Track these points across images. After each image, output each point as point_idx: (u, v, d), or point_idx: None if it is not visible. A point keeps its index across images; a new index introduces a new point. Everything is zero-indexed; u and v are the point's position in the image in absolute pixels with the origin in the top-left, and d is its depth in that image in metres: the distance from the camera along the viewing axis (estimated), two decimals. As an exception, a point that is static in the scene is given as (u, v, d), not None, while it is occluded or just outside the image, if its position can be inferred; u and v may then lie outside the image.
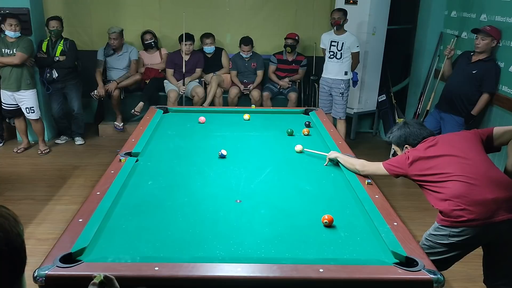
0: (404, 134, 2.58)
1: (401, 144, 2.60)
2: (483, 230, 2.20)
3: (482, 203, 2.17)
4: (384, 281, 1.69)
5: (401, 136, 2.59)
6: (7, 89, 5.02)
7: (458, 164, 2.29)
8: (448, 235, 2.25)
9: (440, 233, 2.28)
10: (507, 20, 4.09)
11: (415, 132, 2.55)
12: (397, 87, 6.11)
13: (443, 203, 2.25)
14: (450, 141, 2.45)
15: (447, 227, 2.25)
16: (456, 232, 2.23)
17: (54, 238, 2.34)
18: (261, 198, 2.36)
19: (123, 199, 2.28)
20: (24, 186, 4.42)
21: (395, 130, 2.66)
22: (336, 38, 5.07)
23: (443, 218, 2.26)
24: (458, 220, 2.20)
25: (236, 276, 1.67)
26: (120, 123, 5.81)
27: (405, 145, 2.57)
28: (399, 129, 2.62)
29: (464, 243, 2.25)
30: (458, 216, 2.20)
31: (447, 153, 2.35)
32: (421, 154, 2.40)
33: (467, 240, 2.23)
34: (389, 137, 2.69)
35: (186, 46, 5.64)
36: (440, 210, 2.28)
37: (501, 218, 2.17)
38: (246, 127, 3.61)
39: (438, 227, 2.30)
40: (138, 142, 3.03)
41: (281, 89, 5.93)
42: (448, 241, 2.26)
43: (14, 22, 4.84)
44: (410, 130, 2.57)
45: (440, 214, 2.29)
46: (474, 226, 2.19)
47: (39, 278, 1.62)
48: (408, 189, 4.26)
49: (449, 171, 2.27)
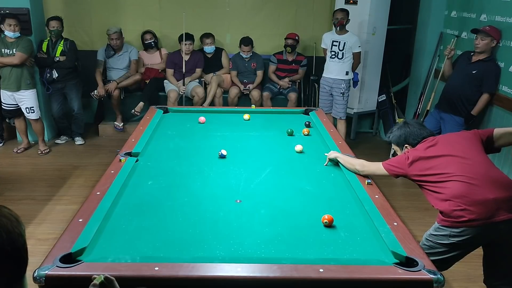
0: (404, 134, 2.58)
1: (401, 143, 2.60)
2: (484, 230, 2.20)
3: (483, 203, 2.17)
4: (384, 281, 1.69)
5: (401, 135, 2.59)
6: (7, 89, 5.02)
7: (458, 164, 2.28)
8: (449, 235, 2.25)
9: (441, 233, 2.28)
10: (507, 20, 4.09)
11: (415, 132, 2.55)
12: (397, 87, 6.11)
13: (444, 204, 2.24)
14: (450, 141, 2.45)
15: (448, 227, 2.25)
16: (456, 232, 2.23)
17: (54, 238, 2.34)
18: (261, 198, 2.36)
19: (123, 199, 2.28)
20: (24, 186, 4.42)
21: (395, 129, 2.66)
22: (338, 38, 5.07)
23: (444, 218, 2.26)
24: (458, 221, 2.20)
25: (236, 276, 1.67)
26: (120, 123, 5.81)
27: (405, 144, 2.57)
28: (399, 129, 2.62)
29: (465, 243, 2.25)
30: (458, 217, 2.20)
31: (447, 153, 2.35)
32: (421, 154, 2.40)
33: (468, 240, 2.23)
34: (389, 137, 2.69)
35: (186, 46, 5.64)
36: (440, 210, 2.28)
37: (502, 218, 2.17)
38: (246, 127, 3.61)
39: (438, 227, 2.30)
40: (138, 142, 3.03)
41: (281, 89, 5.93)
42: (449, 241, 2.26)
43: (13, 22, 4.83)
44: (410, 129, 2.57)
45: (441, 215, 2.29)
46: (474, 226, 2.19)
47: (39, 278, 1.62)
48: (408, 189, 4.26)
49: (449, 171, 2.27)
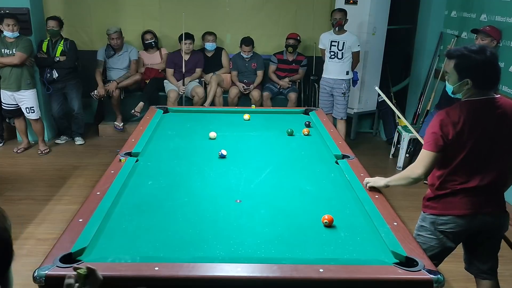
0: (477, 63, 2.07)
1: (464, 71, 2.12)
2: (469, 220, 2.23)
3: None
4: (384, 281, 1.69)
5: (474, 63, 2.08)
6: (7, 89, 5.02)
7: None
8: (435, 223, 2.27)
9: (427, 223, 2.31)
10: (507, 20, 4.09)
11: (490, 74, 2.12)
12: (397, 87, 6.11)
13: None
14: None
15: (434, 215, 2.27)
16: (443, 221, 2.25)
17: (54, 238, 2.34)
18: (261, 198, 2.36)
19: (123, 199, 2.28)
20: (24, 186, 4.42)
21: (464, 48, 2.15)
22: (337, 38, 5.07)
23: (429, 203, 2.29)
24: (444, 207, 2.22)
25: (236, 276, 1.67)
26: (120, 123, 5.81)
27: (467, 78, 2.12)
28: (475, 53, 2.09)
29: (451, 232, 2.26)
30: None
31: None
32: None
33: (454, 229, 2.25)
34: (453, 52, 2.20)
35: (185, 46, 5.65)
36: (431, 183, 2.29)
37: (488, 210, 2.21)
38: (246, 127, 3.61)
39: (425, 216, 2.33)
40: (138, 142, 3.03)
41: (281, 89, 5.93)
42: (436, 230, 2.28)
43: (11, 22, 4.83)
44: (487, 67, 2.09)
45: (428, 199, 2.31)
46: (458, 215, 2.22)
47: (39, 278, 1.62)
48: (408, 189, 4.25)
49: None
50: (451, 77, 2.19)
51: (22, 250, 3.26)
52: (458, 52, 2.16)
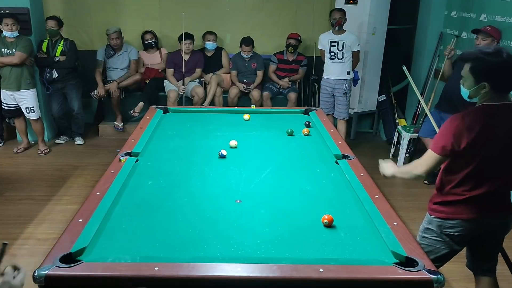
0: (493, 65, 1.97)
1: (480, 74, 2.03)
2: (477, 224, 2.22)
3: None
4: (384, 281, 1.69)
5: (490, 65, 1.99)
6: (7, 89, 5.02)
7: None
8: (442, 226, 2.26)
9: (434, 226, 2.30)
10: (507, 20, 4.09)
11: (507, 77, 2.02)
12: (397, 87, 6.10)
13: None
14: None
15: (441, 219, 2.26)
16: (451, 224, 2.24)
17: (54, 238, 2.34)
18: (261, 198, 2.36)
19: (123, 199, 2.28)
20: (24, 186, 4.42)
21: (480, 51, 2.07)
22: (336, 38, 5.06)
23: (436, 207, 2.27)
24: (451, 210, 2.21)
25: (236, 276, 1.67)
26: (120, 123, 5.81)
27: (484, 82, 2.04)
28: (491, 55, 2.00)
29: (458, 235, 2.25)
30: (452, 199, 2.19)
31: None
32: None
33: (461, 232, 2.24)
34: (467, 55, 2.11)
35: (185, 46, 5.65)
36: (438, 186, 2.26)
37: (495, 212, 2.20)
38: (246, 127, 3.61)
39: (432, 219, 2.32)
40: (138, 142, 3.03)
41: (281, 89, 5.93)
42: (443, 233, 2.27)
43: (10, 22, 4.82)
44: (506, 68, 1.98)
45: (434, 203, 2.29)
46: (466, 219, 2.20)
47: (39, 278, 1.61)
48: (408, 189, 4.26)
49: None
50: (467, 81, 2.10)
51: (22, 250, 3.26)
52: (473, 55, 2.08)
